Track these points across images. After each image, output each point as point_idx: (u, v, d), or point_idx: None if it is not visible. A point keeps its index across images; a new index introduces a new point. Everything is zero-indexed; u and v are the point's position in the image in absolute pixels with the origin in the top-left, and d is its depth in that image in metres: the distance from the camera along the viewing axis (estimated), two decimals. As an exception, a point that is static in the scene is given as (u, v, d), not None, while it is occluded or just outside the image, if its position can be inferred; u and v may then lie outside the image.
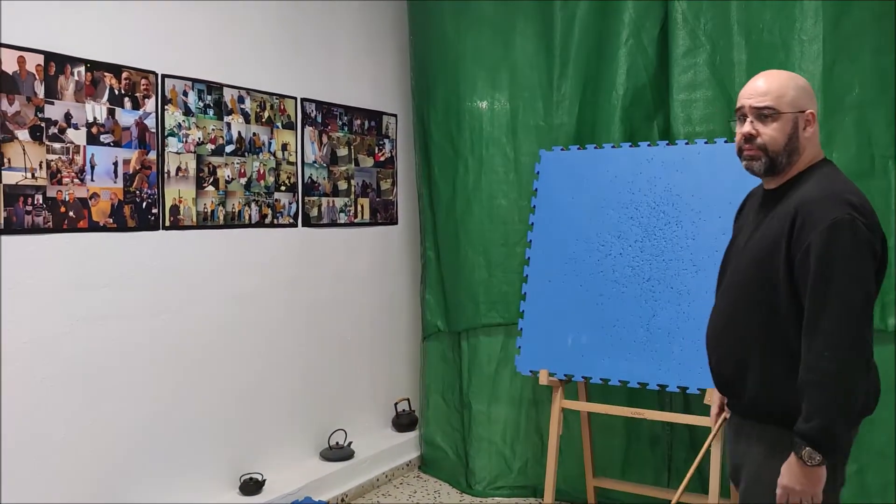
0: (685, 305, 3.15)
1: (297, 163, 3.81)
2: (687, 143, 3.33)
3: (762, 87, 1.94)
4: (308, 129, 3.87)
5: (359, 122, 4.20)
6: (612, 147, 3.49)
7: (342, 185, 4.09)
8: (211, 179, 3.37)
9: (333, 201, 4.04)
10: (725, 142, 3.25)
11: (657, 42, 3.53)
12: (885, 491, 3.07)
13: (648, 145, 3.41)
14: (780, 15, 3.22)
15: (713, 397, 2.39)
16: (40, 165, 2.72)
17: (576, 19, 3.68)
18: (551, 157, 3.63)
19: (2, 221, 2.61)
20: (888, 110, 3.05)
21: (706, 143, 3.29)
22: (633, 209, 3.35)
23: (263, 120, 3.62)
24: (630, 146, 3.45)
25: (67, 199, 2.80)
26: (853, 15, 3.08)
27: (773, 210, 1.93)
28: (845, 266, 1.74)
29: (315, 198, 3.92)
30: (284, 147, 3.73)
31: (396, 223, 4.50)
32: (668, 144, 3.38)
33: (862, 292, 1.76)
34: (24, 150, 2.67)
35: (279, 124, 3.70)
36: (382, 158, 4.38)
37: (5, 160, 2.62)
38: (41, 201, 2.72)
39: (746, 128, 1.95)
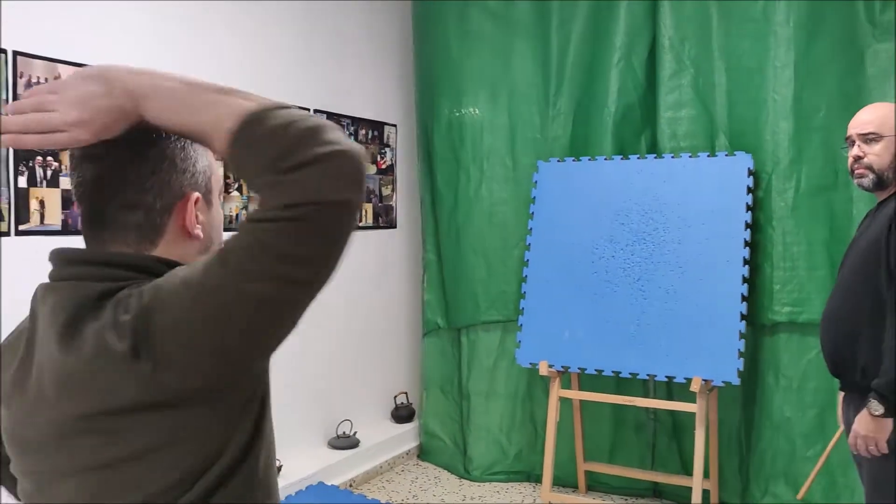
0: (672, 303, 3.49)
1: (309, 170, 4.07)
2: (673, 157, 3.68)
3: (866, 117, 2.33)
4: (319, 138, 4.14)
5: (363, 131, 4.48)
6: (605, 159, 3.83)
7: (349, 191, 4.36)
8: (236, 185, 3.62)
9: (341, 206, 4.30)
10: (708, 156, 3.61)
11: (645, 64, 3.87)
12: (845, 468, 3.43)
13: (638, 158, 3.76)
14: (757, 43, 3.58)
15: (838, 399, 2.58)
16: (93, 172, 2.95)
17: (571, 42, 4.01)
18: (548, 168, 3.95)
19: (60, 223, 2.84)
20: (851, 130, 3.42)
21: (690, 156, 3.64)
22: (625, 216, 3.69)
23: (281, 130, 3.87)
24: (621, 159, 3.79)
25: (115, 203, 3.03)
26: (820, 45, 3.45)
27: (879, 212, 2.29)
28: None
29: (325, 203, 4.18)
30: (299, 155, 3.99)
31: (396, 227, 4.78)
32: (655, 157, 3.72)
33: None
34: (79, 158, 2.90)
35: (295, 134, 3.96)
36: (384, 166, 4.67)
37: (63, 167, 2.85)
38: (93, 205, 2.95)
39: (855, 151, 2.33)
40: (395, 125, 4.75)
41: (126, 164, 0.97)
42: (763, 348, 3.63)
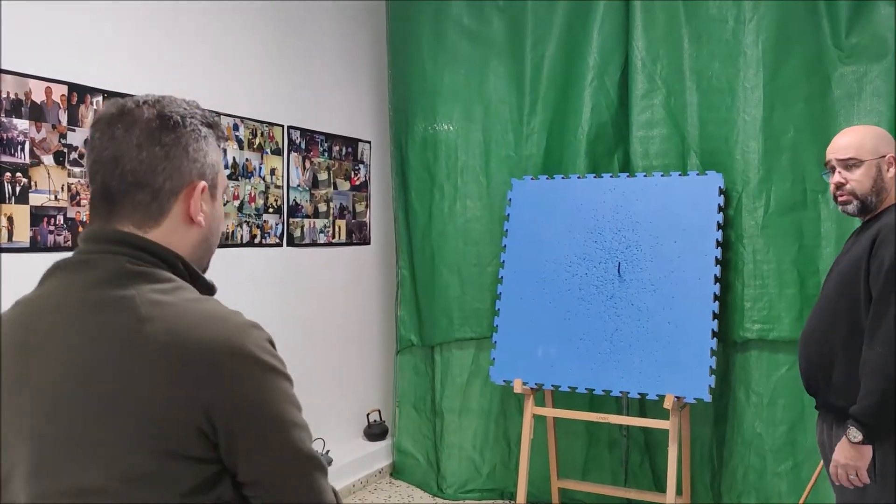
0: (644, 321, 3.52)
1: (283, 186, 4.06)
2: (645, 176, 3.72)
3: (845, 142, 2.30)
4: (293, 154, 4.13)
5: (337, 148, 4.48)
6: (578, 177, 3.86)
7: (322, 208, 4.35)
8: (225, 201, 3.59)
9: (314, 222, 4.29)
10: (679, 175, 3.65)
11: (618, 84, 3.92)
12: (818, 485, 3.47)
13: (610, 176, 3.79)
14: (727, 64, 3.64)
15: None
16: (62, 188, 2.92)
17: (544, 61, 4.05)
18: (522, 186, 3.97)
19: (28, 240, 2.80)
20: (818, 151, 3.46)
21: (662, 175, 3.69)
22: (598, 234, 3.72)
23: (255, 146, 3.86)
24: (594, 177, 3.82)
25: (85, 219, 3.00)
26: (788, 67, 3.52)
27: (862, 234, 2.28)
28: None
29: (298, 219, 4.17)
30: (272, 172, 3.98)
31: (369, 243, 4.77)
32: (628, 176, 3.76)
33: None
34: (48, 173, 2.86)
35: (268, 150, 3.95)
36: (358, 182, 4.66)
37: (33, 183, 2.81)
38: (62, 222, 2.92)
39: (836, 178, 2.30)
40: (368, 141, 4.75)
41: (143, 147, 1.06)
42: (734, 365, 3.67)
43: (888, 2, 3.33)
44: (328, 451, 4.23)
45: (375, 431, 4.67)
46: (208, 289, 1.18)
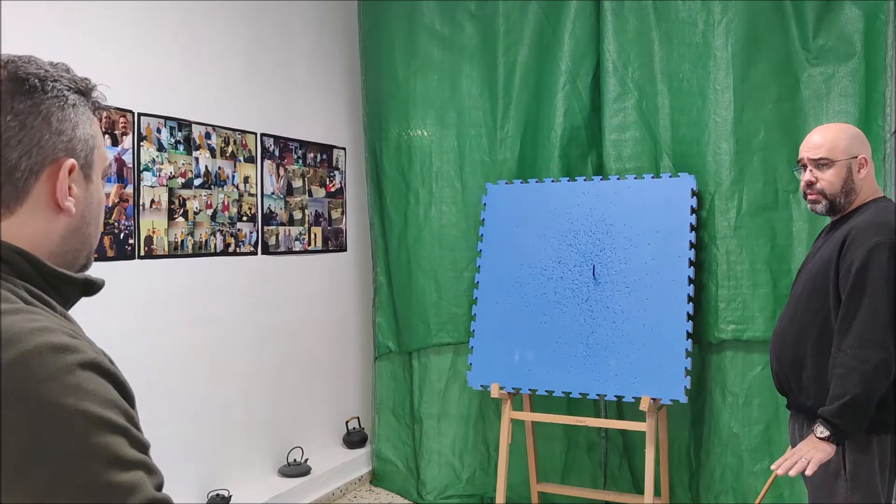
0: (620, 323, 3.53)
1: (257, 194, 4.04)
2: (618, 179, 3.73)
3: (817, 141, 2.29)
4: (267, 162, 4.11)
5: (312, 155, 4.46)
6: (552, 181, 3.87)
7: (297, 215, 4.33)
8: (181, 211, 3.57)
9: (290, 230, 4.27)
10: (652, 177, 3.67)
11: (590, 88, 3.93)
12: (793, 484, 3.49)
13: (584, 180, 3.80)
14: (697, 66, 3.67)
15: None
16: None
17: (517, 66, 4.06)
18: (497, 190, 3.98)
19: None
20: (788, 151, 3.51)
21: (635, 178, 3.70)
22: (572, 237, 3.73)
23: (227, 154, 3.84)
24: (568, 181, 3.83)
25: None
26: (758, 68, 3.55)
27: (832, 235, 2.28)
28: (878, 280, 2.08)
29: (273, 227, 4.15)
30: (246, 180, 3.96)
31: (346, 250, 4.75)
32: (601, 179, 3.77)
33: (890, 304, 2.09)
34: None
35: (241, 158, 3.93)
36: (333, 189, 4.64)
37: (-1, 195, 2.77)
38: None
39: (807, 176, 2.30)
40: (343, 148, 4.73)
41: None
42: (709, 366, 3.69)
43: (854, 3, 3.36)
44: (307, 460, 4.20)
45: (355, 439, 4.64)
46: (84, 288, 0.96)
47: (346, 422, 4.68)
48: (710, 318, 3.62)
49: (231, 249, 3.86)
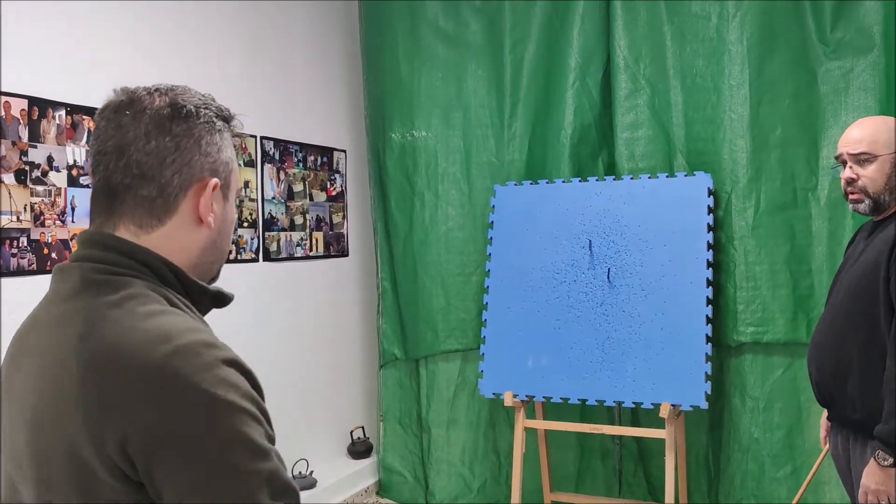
0: (636, 327, 3.42)
1: (258, 199, 3.91)
2: (632, 178, 3.63)
3: (857, 135, 2.14)
4: (267, 166, 3.98)
5: (312, 158, 4.33)
6: (563, 182, 3.76)
7: (298, 220, 4.20)
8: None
9: (291, 236, 4.14)
10: (667, 176, 3.56)
11: (601, 85, 3.82)
12: (817, 489, 3.39)
13: (596, 180, 3.69)
14: (711, 61, 3.56)
15: (822, 420, 2.47)
16: (25, 208, 2.74)
17: (524, 63, 3.94)
18: (505, 192, 3.86)
19: (-12, 265, 2.62)
20: (807, 148, 3.42)
21: (649, 177, 3.59)
22: (585, 239, 3.61)
23: (227, 158, 3.70)
24: (579, 181, 3.72)
25: (50, 240, 2.83)
26: (774, 63, 3.45)
27: (877, 236, 2.12)
28: None
29: (274, 233, 4.02)
30: (246, 184, 3.83)
31: (347, 255, 4.63)
32: (614, 179, 3.66)
33: None
34: (9, 193, 2.69)
35: (241, 162, 3.80)
36: (334, 193, 4.52)
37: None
38: (26, 244, 2.74)
39: (847, 173, 2.15)
40: (344, 150, 4.61)
41: (151, 136, 0.97)
42: (728, 370, 3.59)
43: (873, -5, 3.27)
44: (312, 473, 4.07)
45: (360, 449, 4.52)
46: (217, 300, 1.09)
47: (351, 431, 4.56)
48: (728, 321, 3.51)
49: (232, 256, 3.72)
